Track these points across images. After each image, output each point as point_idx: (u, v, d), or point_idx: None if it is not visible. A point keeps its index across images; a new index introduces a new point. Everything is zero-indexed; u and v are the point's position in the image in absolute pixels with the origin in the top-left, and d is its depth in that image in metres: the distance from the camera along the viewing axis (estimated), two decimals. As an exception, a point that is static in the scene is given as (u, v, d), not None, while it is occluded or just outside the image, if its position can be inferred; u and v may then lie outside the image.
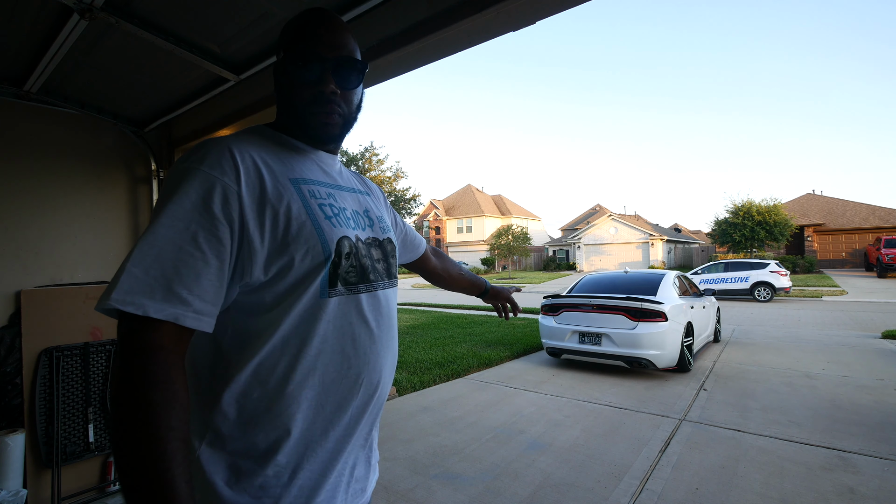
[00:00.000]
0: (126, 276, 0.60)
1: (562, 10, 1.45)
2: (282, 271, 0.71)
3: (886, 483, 2.70)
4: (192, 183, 0.66)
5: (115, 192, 2.90)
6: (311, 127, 0.81)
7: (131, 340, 0.60)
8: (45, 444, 2.46)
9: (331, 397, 0.76)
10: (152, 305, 0.60)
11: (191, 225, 0.64)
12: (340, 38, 0.81)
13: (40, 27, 1.87)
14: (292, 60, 0.79)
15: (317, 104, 0.80)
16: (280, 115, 0.85)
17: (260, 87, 2.23)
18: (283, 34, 0.83)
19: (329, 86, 0.79)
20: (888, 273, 19.43)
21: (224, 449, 0.71)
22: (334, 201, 0.82)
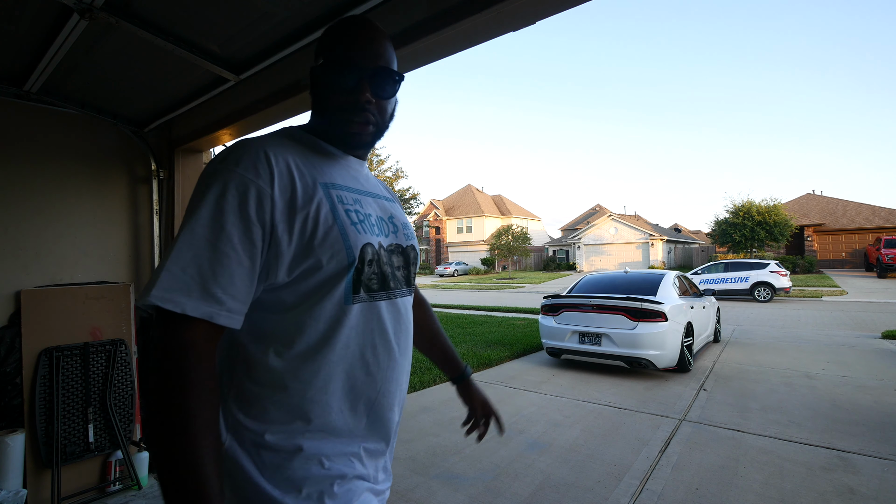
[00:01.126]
0: (166, 274, 0.63)
1: (562, 10, 1.45)
2: (305, 274, 0.73)
3: (886, 483, 2.70)
4: (229, 185, 0.68)
5: (115, 192, 2.90)
6: (344, 133, 0.82)
7: (168, 337, 0.63)
8: (44, 444, 2.46)
9: (350, 403, 0.77)
10: (189, 303, 0.63)
11: (226, 226, 0.66)
12: (379, 47, 0.82)
13: (40, 27, 1.87)
14: (330, 67, 0.80)
15: (351, 111, 0.81)
16: (314, 119, 0.87)
17: (260, 87, 2.23)
18: (323, 40, 0.84)
19: (365, 94, 0.80)
20: (888, 273, 19.42)
21: (248, 442, 0.72)
22: (360, 207, 0.82)
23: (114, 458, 2.69)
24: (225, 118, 2.48)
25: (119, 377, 2.76)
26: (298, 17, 1.76)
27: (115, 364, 2.74)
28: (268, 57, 2.00)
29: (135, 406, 2.82)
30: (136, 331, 2.90)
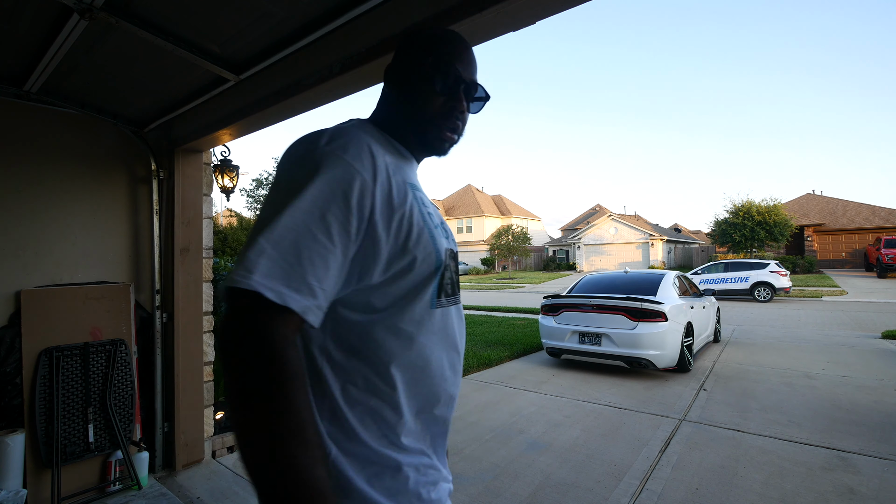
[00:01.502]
0: (266, 259, 0.57)
1: (562, 10, 1.45)
2: (397, 275, 0.71)
3: (886, 483, 2.70)
4: (335, 170, 0.64)
5: (115, 192, 2.90)
6: (434, 139, 0.83)
7: (263, 327, 0.56)
8: (44, 444, 2.46)
9: (430, 405, 0.77)
10: (290, 295, 0.58)
11: (327, 214, 0.62)
12: (476, 66, 0.87)
13: (40, 27, 1.87)
14: (437, 70, 0.80)
15: (446, 118, 0.82)
16: (391, 116, 0.84)
17: (260, 87, 2.23)
18: (426, 42, 0.84)
19: (462, 104, 0.83)
20: (888, 273, 19.42)
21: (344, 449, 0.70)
22: (433, 210, 0.82)
23: (114, 458, 2.69)
24: (225, 118, 2.48)
25: (119, 377, 2.76)
26: (298, 17, 1.76)
27: (115, 364, 2.74)
28: (268, 57, 2.00)
29: (135, 406, 2.82)
30: (136, 331, 2.90)
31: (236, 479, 2.85)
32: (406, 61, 0.84)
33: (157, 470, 2.91)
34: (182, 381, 2.95)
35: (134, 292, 2.92)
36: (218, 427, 3.41)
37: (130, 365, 2.82)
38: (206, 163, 3.19)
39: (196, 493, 2.69)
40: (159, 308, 2.96)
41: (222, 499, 2.62)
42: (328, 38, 1.84)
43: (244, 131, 2.62)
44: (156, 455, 2.93)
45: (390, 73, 0.86)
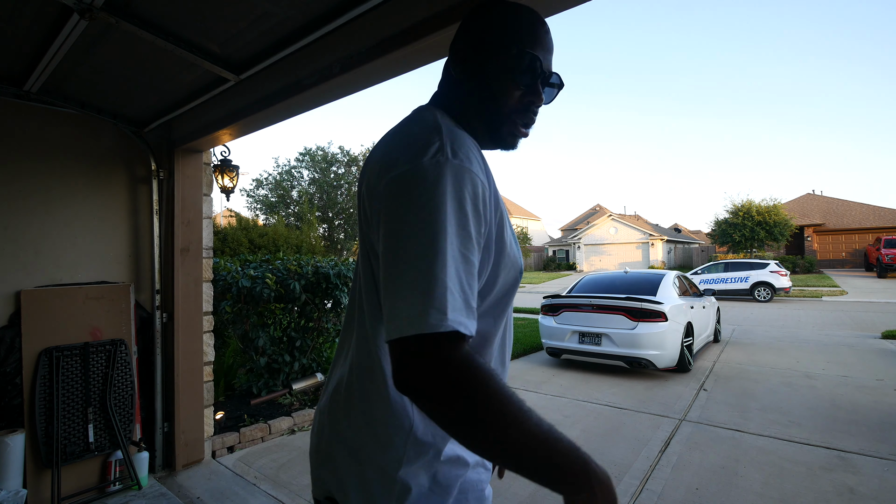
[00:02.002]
0: (450, 296, 0.55)
1: (562, 10, 1.45)
2: (489, 282, 0.68)
3: (886, 483, 2.70)
4: (461, 182, 0.59)
5: (115, 192, 2.90)
6: (506, 133, 0.76)
7: (460, 361, 0.55)
8: (44, 444, 2.46)
9: None
10: (468, 324, 0.56)
11: (472, 232, 0.59)
12: (552, 54, 0.78)
13: (40, 27, 1.87)
14: (523, 63, 0.72)
15: (523, 113, 0.75)
16: (464, 108, 0.76)
17: (260, 87, 2.23)
18: (512, 27, 0.74)
19: (540, 100, 0.76)
20: (888, 273, 19.42)
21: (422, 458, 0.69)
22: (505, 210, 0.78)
23: (114, 458, 2.69)
24: (225, 118, 2.48)
25: (119, 377, 2.76)
26: (298, 16, 1.76)
27: (115, 364, 2.74)
28: (268, 57, 2.00)
29: (134, 406, 2.82)
30: (136, 331, 2.90)
31: (236, 479, 2.85)
32: (482, 45, 0.74)
33: (157, 470, 2.91)
34: (182, 381, 2.95)
35: (134, 292, 2.92)
36: (218, 427, 3.41)
37: (130, 365, 2.82)
38: (206, 163, 3.19)
39: (196, 493, 2.69)
40: (159, 308, 2.96)
41: (222, 499, 2.62)
42: (328, 38, 1.84)
43: (244, 131, 2.62)
44: (156, 455, 2.93)
45: (462, 55, 0.76)
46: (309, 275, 4.27)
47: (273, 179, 16.19)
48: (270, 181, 16.22)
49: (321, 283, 4.34)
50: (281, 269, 4.23)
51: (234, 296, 3.99)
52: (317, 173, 16.13)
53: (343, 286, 4.44)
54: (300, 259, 4.59)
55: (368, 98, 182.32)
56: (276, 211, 15.55)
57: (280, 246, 8.69)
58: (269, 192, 16.21)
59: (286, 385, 4.26)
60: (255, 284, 3.96)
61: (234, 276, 4.00)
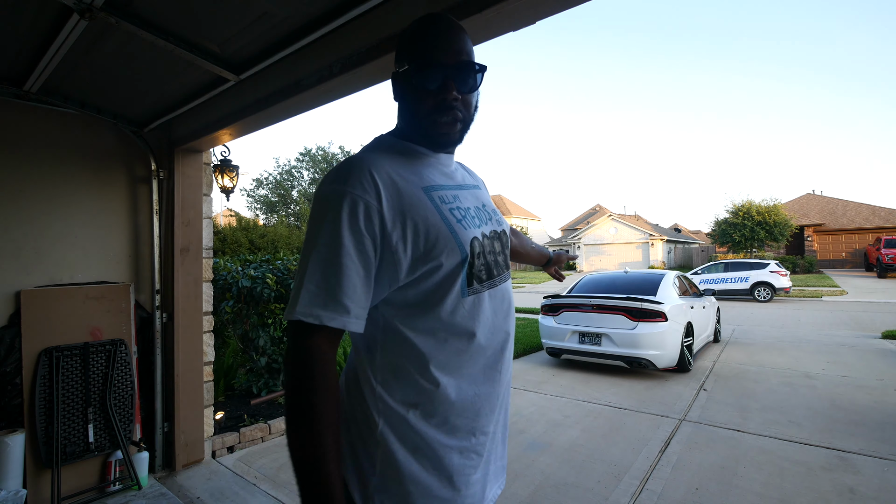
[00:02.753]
0: (304, 293, 0.72)
1: (562, 10, 1.45)
2: (425, 274, 0.78)
3: (886, 483, 2.70)
4: (342, 204, 0.74)
5: (115, 192, 2.90)
6: (434, 134, 0.85)
7: (302, 346, 0.73)
8: (44, 444, 2.46)
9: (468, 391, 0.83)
10: (326, 315, 0.72)
11: (344, 241, 0.73)
12: (458, 42, 0.83)
13: (40, 27, 1.87)
14: (414, 70, 0.81)
15: (439, 112, 0.83)
16: (402, 123, 0.89)
17: (260, 87, 2.23)
18: (403, 44, 0.86)
19: (451, 93, 0.81)
20: (888, 273, 19.41)
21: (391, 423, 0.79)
22: (459, 203, 0.86)
23: (114, 458, 2.69)
24: (225, 118, 2.48)
25: (119, 377, 2.76)
26: (298, 17, 1.76)
27: (115, 364, 2.74)
28: (268, 57, 2.00)
29: (134, 406, 2.82)
30: (135, 331, 2.90)
31: (236, 479, 2.85)
32: (396, 68, 0.87)
33: (157, 470, 2.91)
34: (182, 381, 2.95)
35: (134, 292, 2.92)
36: (218, 427, 3.41)
37: (130, 365, 2.82)
38: (206, 163, 3.19)
39: (196, 493, 2.69)
40: (159, 308, 2.96)
41: (222, 499, 2.62)
42: (328, 38, 1.84)
43: (244, 131, 2.62)
44: (156, 455, 2.93)
45: (392, 83, 0.90)
46: (309, 275, 4.27)
47: (273, 179, 16.19)
48: (270, 181, 16.22)
49: (321, 283, 4.33)
50: (281, 269, 4.23)
51: (235, 296, 3.99)
52: (317, 173, 16.13)
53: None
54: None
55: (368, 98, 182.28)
56: (276, 211, 15.55)
57: (280, 247, 8.69)
58: (269, 192, 16.21)
59: (286, 385, 4.26)
60: (255, 284, 3.95)
61: (235, 276, 4.00)
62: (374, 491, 0.78)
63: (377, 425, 0.78)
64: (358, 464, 0.80)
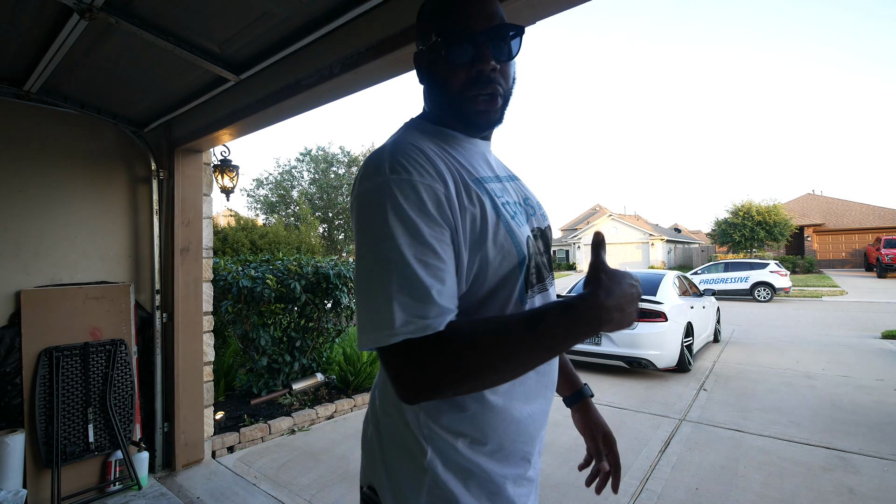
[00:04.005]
0: (397, 306, 0.57)
1: (562, 10, 1.45)
2: (478, 278, 0.67)
3: (886, 483, 2.70)
4: (405, 193, 0.61)
5: (115, 192, 2.90)
6: (472, 113, 0.73)
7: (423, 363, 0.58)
8: (44, 444, 2.46)
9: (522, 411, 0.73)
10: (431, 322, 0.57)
11: (420, 240, 0.60)
12: (489, 5, 0.71)
13: (40, 27, 1.87)
14: (443, 42, 0.69)
15: (476, 86, 0.70)
16: (433, 107, 0.77)
17: (260, 87, 2.23)
18: (426, 16, 0.74)
19: (489, 62, 0.69)
20: (888, 273, 19.41)
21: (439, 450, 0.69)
22: (507, 197, 0.75)
23: (114, 458, 2.69)
24: (225, 118, 2.48)
25: (119, 377, 2.76)
26: (298, 17, 1.76)
27: (115, 364, 2.74)
28: (268, 57, 2.00)
29: (134, 406, 2.82)
30: (135, 331, 2.90)
31: (236, 479, 2.85)
32: (419, 46, 0.77)
33: (157, 470, 2.91)
34: (182, 381, 2.95)
35: (134, 292, 2.92)
36: (218, 427, 3.40)
37: (130, 365, 2.82)
38: (206, 163, 3.19)
39: (196, 493, 2.69)
40: (159, 308, 2.96)
41: (222, 499, 2.62)
42: (328, 38, 1.84)
43: (244, 131, 2.62)
44: (156, 455, 2.93)
45: (415, 63, 0.79)
46: (309, 275, 4.27)
47: (273, 179, 16.19)
48: (270, 181, 16.22)
49: (321, 284, 4.34)
50: (281, 270, 4.23)
51: (235, 296, 3.99)
52: (317, 174, 16.12)
53: (343, 286, 4.44)
54: (300, 259, 4.59)
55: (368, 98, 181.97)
56: (276, 211, 15.55)
57: (280, 247, 8.69)
58: (269, 192, 16.20)
59: (286, 385, 4.26)
60: (255, 284, 3.96)
61: (235, 277, 4.00)
62: None
63: (425, 453, 0.67)
64: (398, 486, 0.70)
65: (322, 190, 15.53)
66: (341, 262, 4.71)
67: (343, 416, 4.06)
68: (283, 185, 16.00)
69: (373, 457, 0.76)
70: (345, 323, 4.80)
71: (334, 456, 3.19)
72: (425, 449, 0.68)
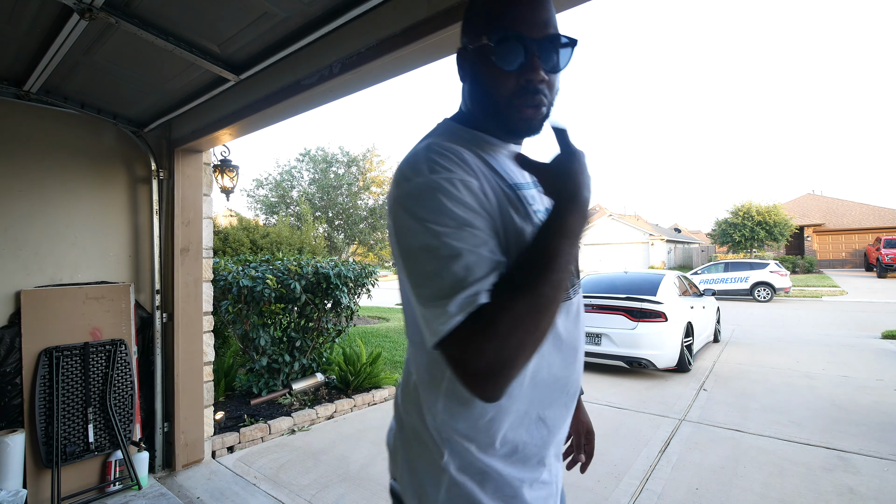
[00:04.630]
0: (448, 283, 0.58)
1: (562, 10, 1.45)
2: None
3: (886, 483, 2.70)
4: (444, 188, 0.61)
5: (115, 192, 2.90)
6: (515, 120, 0.71)
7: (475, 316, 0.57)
8: (44, 444, 2.46)
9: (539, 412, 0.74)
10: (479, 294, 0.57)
11: (467, 230, 0.60)
12: (546, 12, 0.69)
13: (40, 27, 1.87)
14: (493, 47, 0.68)
15: (522, 96, 0.69)
16: (470, 106, 0.77)
17: (260, 87, 2.23)
18: (475, 12, 0.73)
19: (539, 73, 0.68)
20: (888, 273, 19.42)
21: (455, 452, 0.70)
22: (538, 205, 0.75)
23: (114, 458, 2.69)
24: (225, 118, 2.48)
25: (119, 377, 2.76)
26: (298, 17, 1.76)
27: (114, 364, 2.74)
28: (268, 57, 2.00)
29: (134, 406, 2.82)
30: (135, 331, 2.90)
31: (236, 479, 2.85)
32: (464, 45, 0.75)
33: (157, 470, 2.91)
34: (182, 381, 2.95)
35: (134, 292, 2.92)
36: (218, 427, 3.40)
37: (130, 365, 2.82)
38: (206, 163, 3.19)
39: (196, 493, 2.69)
40: (159, 308, 2.96)
41: (222, 499, 2.62)
42: (328, 38, 1.84)
43: (244, 131, 2.62)
44: (156, 455, 2.93)
45: (458, 60, 0.77)
46: (309, 275, 4.27)
47: (273, 180, 16.18)
48: (270, 181, 16.22)
49: (321, 284, 4.34)
50: (281, 270, 4.23)
51: (235, 296, 3.99)
52: (316, 174, 16.12)
53: (343, 286, 4.43)
54: (300, 259, 4.59)
55: (368, 98, 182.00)
56: (276, 211, 15.54)
57: (281, 247, 8.69)
58: (269, 192, 16.20)
59: (286, 385, 4.26)
60: (255, 284, 3.95)
61: (235, 277, 4.00)
62: None
63: (442, 454, 0.70)
64: (418, 482, 0.73)
65: (322, 190, 15.52)
66: (341, 263, 4.71)
67: (343, 416, 4.07)
68: (282, 186, 16.00)
69: (396, 452, 0.78)
70: (345, 323, 4.80)
71: (334, 456, 3.19)
72: (442, 451, 0.70)
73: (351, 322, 4.90)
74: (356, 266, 4.74)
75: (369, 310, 12.60)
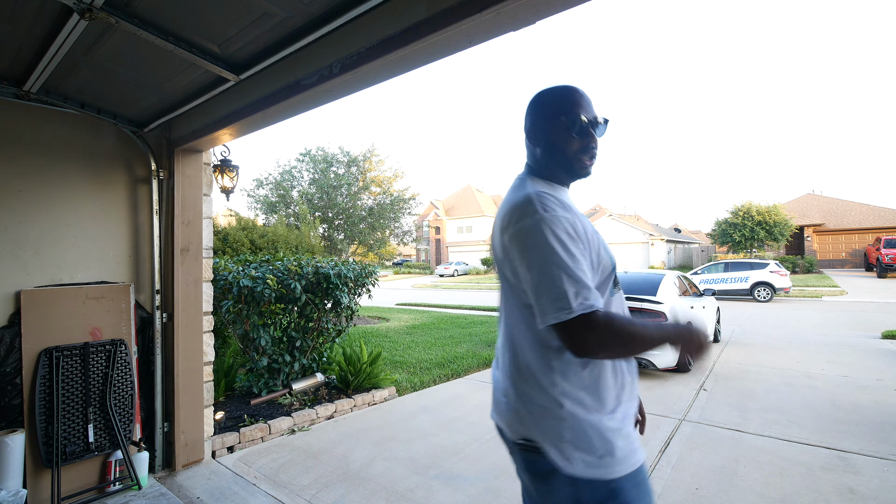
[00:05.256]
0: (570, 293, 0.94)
1: (562, 10, 1.45)
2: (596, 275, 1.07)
3: (886, 483, 2.70)
4: (558, 224, 0.99)
5: (115, 192, 2.90)
6: (580, 169, 1.15)
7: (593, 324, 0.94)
8: (44, 444, 2.46)
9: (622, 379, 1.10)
10: (587, 303, 0.94)
11: (570, 252, 0.97)
12: (593, 105, 1.15)
13: (40, 27, 1.87)
14: (573, 123, 1.11)
15: (585, 152, 1.14)
16: (544, 161, 1.16)
17: (260, 87, 2.23)
18: (563, 102, 1.14)
19: (595, 140, 1.14)
20: (888, 273, 19.41)
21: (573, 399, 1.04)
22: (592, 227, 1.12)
23: (113, 458, 2.69)
24: (225, 118, 2.48)
25: (119, 377, 2.76)
26: (298, 17, 1.76)
27: (114, 364, 2.74)
28: (268, 57, 2.00)
29: (134, 406, 2.82)
30: (135, 331, 2.90)
31: (236, 479, 2.85)
32: (544, 121, 1.15)
33: (156, 470, 2.91)
34: (182, 381, 2.95)
35: (134, 292, 2.92)
36: (218, 427, 3.40)
37: (130, 365, 2.82)
38: (206, 163, 3.19)
39: (196, 493, 2.69)
40: (159, 308, 2.96)
41: (222, 499, 2.62)
42: (328, 38, 1.84)
43: (244, 131, 2.62)
44: (156, 455, 2.93)
45: (533, 131, 1.17)
46: (309, 275, 4.27)
47: (273, 180, 16.17)
48: (270, 181, 16.21)
49: (321, 284, 4.34)
50: (282, 270, 4.23)
51: (235, 296, 3.99)
52: (316, 174, 16.11)
53: (343, 286, 4.43)
54: (300, 259, 4.59)
55: (368, 98, 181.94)
56: (276, 211, 15.53)
57: (280, 247, 8.68)
58: (269, 192, 16.19)
59: (286, 385, 4.26)
60: (256, 284, 3.95)
61: (236, 277, 4.00)
62: (569, 446, 1.01)
63: (562, 406, 1.02)
64: (547, 425, 1.04)
65: (322, 190, 15.51)
66: (341, 263, 4.71)
67: (343, 416, 4.07)
68: (282, 186, 15.99)
69: (519, 413, 1.09)
70: (345, 323, 4.80)
71: (334, 456, 3.19)
72: (562, 402, 1.03)
73: (351, 322, 4.90)
74: (356, 266, 4.74)
75: (369, 310, 12.61)
